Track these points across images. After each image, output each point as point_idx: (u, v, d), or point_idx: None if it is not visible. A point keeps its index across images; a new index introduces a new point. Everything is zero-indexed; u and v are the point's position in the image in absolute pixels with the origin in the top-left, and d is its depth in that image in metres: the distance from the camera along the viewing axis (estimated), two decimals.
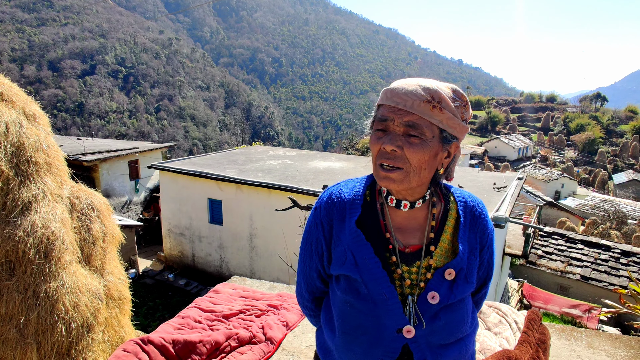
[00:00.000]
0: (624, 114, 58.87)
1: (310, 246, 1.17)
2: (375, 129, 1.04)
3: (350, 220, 1.08)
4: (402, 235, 1.08)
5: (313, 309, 1.29)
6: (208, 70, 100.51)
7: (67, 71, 73.09)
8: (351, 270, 1.05)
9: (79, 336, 3.03)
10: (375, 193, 1.13)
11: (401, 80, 1.05)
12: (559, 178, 30.38)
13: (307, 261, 1.20)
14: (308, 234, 1.18)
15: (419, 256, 1.06)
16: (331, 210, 1.11)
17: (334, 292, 1.13)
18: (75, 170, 4.12)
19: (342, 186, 1.16)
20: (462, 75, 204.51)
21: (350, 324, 1.07)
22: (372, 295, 1.03)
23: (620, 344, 2.62)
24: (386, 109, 1.01)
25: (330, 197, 1.13)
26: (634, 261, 11.02)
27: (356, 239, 1.06)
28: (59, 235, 2.98)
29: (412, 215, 1.09)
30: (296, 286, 1.31)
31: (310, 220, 1.18)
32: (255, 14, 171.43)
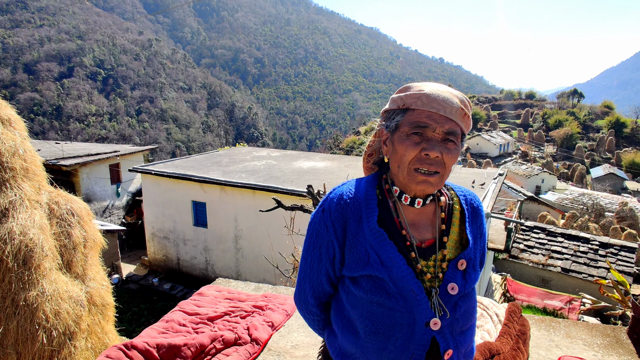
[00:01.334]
0: (600, 110, 60.49)
1: (318, 250, 1.14)
2: (410, 132, 1.04)
3: (370, 220, 1.08)
4: (416, 231, 1.12)
5: (318, 314, 1.27)
6: (190, 72, 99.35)
7: (44, 74, 71.31)
8: (377, 270, 1.05)
9: (61, 344, 2.97)
10: (385, 192, 1.15)
11: (428, 85, 1.07)
12: (539, 173, 31.03)
13: (314, 265, 1.16)
14: (315, 238, 1.14)
15: (434, 250, 1.11)
16: (344, 211, 1.10)
17: (352, 294, 1.11)
18: (54, 175, 4.03)
19: (350, 187, 1.15)
20: (444, 73, 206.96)
21: (383, 323, 1.06)
22: (401, 292, 1.04)
23: (597, 332, 2.70)
24: (424, 115, 1.03)
25: (342, 198, 1.12)
26: (612, 252, 11.34)
27: (379, 238, 1.07)
28: (37, 242, 2.92)
29: (423, 212, 1.14)
30: (297, 292, 1.27)
31: (317, 222, 1.14)
32: (236, 14, 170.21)
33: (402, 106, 1.07)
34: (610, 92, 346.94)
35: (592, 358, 2.39)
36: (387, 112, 1.14)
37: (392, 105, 1.11)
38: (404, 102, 1.07)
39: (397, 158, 1.08)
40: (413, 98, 1.05)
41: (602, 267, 10.88)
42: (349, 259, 1.09)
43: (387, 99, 1.16)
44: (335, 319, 1.19)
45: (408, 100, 1.06)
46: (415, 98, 1.05)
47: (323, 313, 1.27)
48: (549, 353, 2.46)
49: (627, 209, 20.25)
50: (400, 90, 1.12)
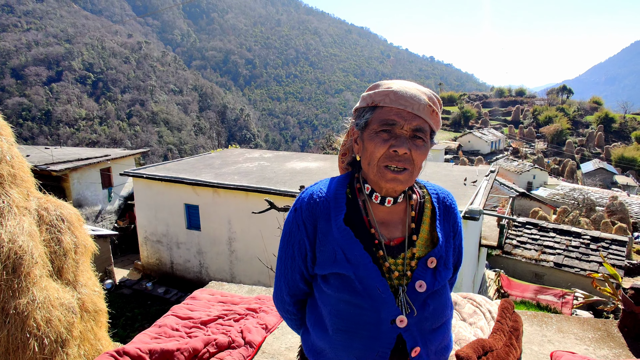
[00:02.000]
0: (588, 106, 61.21)
1: (291, 248, 1.16)
2: (379, 130, 1.05)
3: (337, 219, 1.09)
4: (385, 230, 1.12)
5: (295, 312, 1.27)
6: (180, 74, 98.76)
7: (32, 78, 70.46)
8: (344, 268, 1.06)
9: (53, 352, 2.94)
10: (355, 191, 1.16)
11: (396, 82, 1.08)
12: (531, 169, 31.30)
13: (288, 264, 1.18)
14: (289, 236, 1.16)
15: (403, 248, 1.12)
16: (314, 210, 1.11)
17: (322, 292, 1.13)
18: (44, 180, 4.00)
19: (321, 186, 1.16)
20: (434, 72, 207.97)
21: (350, 320, 1.07)
22: (367, 290, 1.05)
23: (588, 326, 2.73)
24: (392, 112, 1.04)
25: (312, 197, 1.13)
26: (603, 246, 11.47)
27: (346, 236, 1.08)
28: (27, 249, 2.89)
29: (394, 210, 1.15)
30: (275, 291, 1.28)
31: (290, 222, 1.16)
32: (226, 16, 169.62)
33: (371, 104, 1.08)
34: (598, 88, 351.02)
35: (583, 352, 2.42)
36: (358, 110, 1.14)
37: (362, 104, 1.12)
38: (373, 100, 1.08)
39: (367, 155, 1.09)
40: (381, 95, 1.06)
41: (593, 261, 11.00)
42: (320, 258, 1.11)
43: None
44: (309, 316, 1.21)
45: (376, 97, 1.07)
46: (383, 95, 1.06)
47: (300, 312, 1.28)
48: (541, 348, 2.48)
49: (617, 203, 20.49)
50: (370, 88, 1.12)
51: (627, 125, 54.55)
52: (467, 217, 6.65)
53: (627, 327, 2.60)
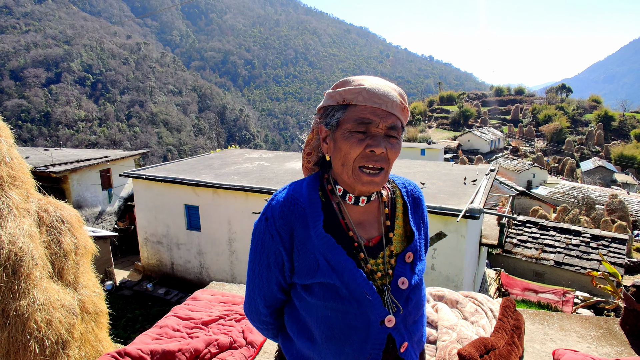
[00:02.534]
0: (588, 104, 61.23)
1: (266, 259, 1.10)
2: (354, 130, 1.01)
3: (316, 226, 1.05)
4: (362, 230, 1.10)
5: (272, 322, 1.23)
6: (179, 75, 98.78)
7: (31, 80, 70.46)
8: (329, 277, 1.03)
9: (53, 354, 2.94)
10: (328, 193, 1.12)
11: (366, 79, 1.05)
12: (530, 168, 31.31)
13: (264, 275, 1.13)
14: (261, 248, 1.10)
15: (381, 247, 1.10)
16: (289, 218, 1.06)
17: (305, 300, 1.09)
18: (44, 182, 3.99)
19: (291, 191, 1.11)
20: (434, 71, 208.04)
21: (339, 327, 1.05)
22: (354, 295, 1.03)
23: (590, 324, 2.73)
24: (367, 111, 1.00)
25: (285, 204, 1.08)
26: (603, 244, 11.47)
27: (327, 243, 1.04)
28: (27, 250, 2.88)
29: (368, 209, 1.12)
30: (247, 304, 1.22)
31: (262, 232, 1.10)
32: (225, 16, 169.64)
33: (341, 102, 1.03)
34: (597, 86, 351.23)
35: (585, 350, 2.41)
36: (325, 108, 1.09)
37: (329, 102, 1.07)
38: (344, 98, 1.03)
39: (340, 156, 1.04)
40: (353, 93, 1.01)
41: (594, 260, 10.99)
42: (299, 267, 1.07)
43: None
44: (290, 325, 1.16)
45: (348, 95, 1.02)
46: (355, 93, 1.01)
47: (276, 320, 1.23)
48: (543, 346, 2.48)
49: (616, 201, 20.50)
50: (337, 85, 1.07)
51: (627, 123, 54.58)
52: (467, 216, 6.64)
53: (629, 325, 2.59)
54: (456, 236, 7.04)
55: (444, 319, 2.51)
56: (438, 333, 2.43)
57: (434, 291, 2.92)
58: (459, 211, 6.69)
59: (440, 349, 2.26)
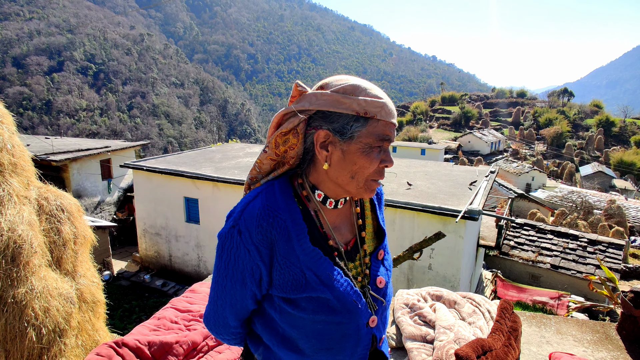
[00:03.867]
0: (589, 109, 61.19)
1: (240, 275, 1.01)
2: (375, 145, 0.97)
3: (301, 240, 1.00)
4: (338, 234, 1.09)
5: (240, 332, 1.16)
6: (182, 67, 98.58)
7: (33, 68, 70.30)
8: (320, 291, 0.99)
9: (50, 342, 2.94)
10: (303, 199, 1.06)
11: (377, 90, 0.98)
12: (530, 171, 31.34)
13: (236, 291, 1.04)
14: (234, 262, 1.00)
15: (357, 248, 1.11)
16: (268, 232, 0.98)
17: (286, 313, 1.03)
18: (44, 170, 3.98)
19: (264, 201, 1.01)
20: (436, 71, 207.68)
21: (332, 338, 1.03)
22: (345, 306, 1.01)
23: (587, 328, 2.74)
24: (388, 127, 0.98)
25: (263, 218, 0.98)
26: (600, 249, 11.50)
27: (315, 258, 1.00)
28: (26, 238, 2.88)
29: (341, 211, 1.11)
30: (212, 318, 1.13)
31: (234, 247, 0.99)
32: (229, 10, 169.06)
33: (362, 113, 0.95)
34: (599, 92, 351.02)
35: (582, 354, 2.42)
36: (332, 114, 0.98)
37: (340, 108, 0.96)
38: (366, 110, 0.95)
39: (352, 169, 0.99)
40: (376, 107, 0.95)
41: (590, 264, 11.02)
42: (280, 280, 1.00)
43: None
44: (268, 336, 1.08)
45: (370, 108, 0.95)
46: (378, 107, 0.95)
47: (245, 329, 1.17)
48: (540, 349, 2.49)
49: (615, 207, 20.53)
50: (350, 92, 0.96)
51: (627, 129, 54.57)
52: (466, 217, 6.65)
53: (626, 330, 2.60)
54: (454, 237, 7.05)
55: (442, 319, 2.52)
56: (435, 333, 2.43)
57: (432, 291, 2.92)
58: (458, 212, 6.70)
59: (437, 349, 2.27)
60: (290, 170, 1.09)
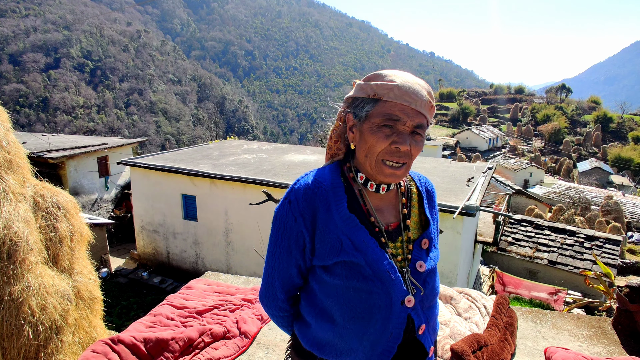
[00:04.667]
0: (587, 105, 61.25)
1: (287, 242, 1.13)
2: (381, 124, 1.05)
3: (339, 208, 1.09)
4: (381, 216, 1.15)
5: (287, 309, 1.25)
6: (179, 64, 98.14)
7: (30, 65, 69.84)
8: (352, 256, 1.06)
9: (47, 339, 2.94)
10: (349, 180, 1.16)
11: (398, 75, 1.07)
12: (528, 167, 31.38)
13: (284, 259, 1.15)
14: (283, 230, 1.13)
15: (399, 232, 1.16)
16: (313, 201, 1.09)
17: (325, 283, 1.12)
18: (40, 168, 3.97)
19: (315, 176, 1.14)
20: (434, 67, 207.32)
21: (362, 307, 1.08)
22: (377, 274, 1.06)
23: (582, 323, 2.75)
24: (397, 108, 1.04)
25: (309, 188, 1.11)
26: (597, 245, 11.54)
27: (351, 224, 1.08)
28: (22, 235, 2.87)
29: (386, 197, 1.18)
30: (263, 291, 1.24)
31: (284, 215, 1.12)
32: (226, 6, 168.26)
33: (372, 95, 1.07)
34: (597, 88, 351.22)
35: (577, 348, 2.43)
36: (355, 99, 1.13)
37: (360, 93, 1.10)
38: (375, 92, 1.06)
39: (365, 148, 1.09)
40: (385, 89, 1.04)
41: (587, 260, 11.06)
42: (320, 248, 1.10)
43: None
44: (308, 309, 1.19)
45: (379, 90, 1.05)
46: (387, 89, 1.04)
47: (292, 308, 1.26)
48: (535, 344, 2.50)
49: (612, 203, 20.59)
50: (369, 78, 1.10)
51: (625, 125, 54.68)
52: (463, 213, 6.66)
53: (621, 325, 2.61)
54: (452, 233, 7.06)
55: (438, 314, 2.52)
56: None
57: None
58: (455, 208, 6.71)
59: None
60: (346, 154, 1.22)
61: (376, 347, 1.10)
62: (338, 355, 1.13)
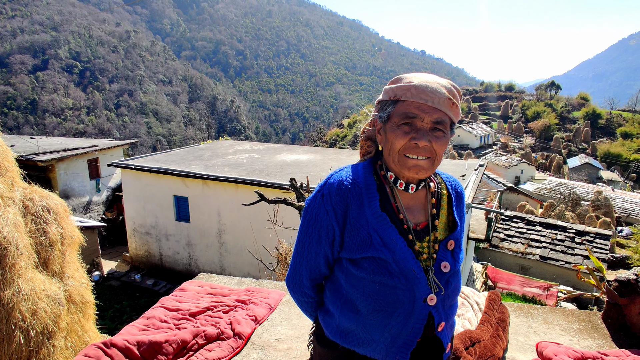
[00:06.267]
0: (576, 101, 61.87)
1: (317, 233, 1.19)
2: (400, 123, 1.11)
3: (372, 205, 1.14)
4: (410, 215, 1.20)
5: (312, 295, 1.32)
6: (170, 64, 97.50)
7: (17, 66, 68.93)
8: (380, 252, 1.11)
9: (39, 344, 2.91)
10: (381, 178, 1.21)
11: (417, 76, 1.13)
12: (519, 164, 31.63)
13: (313, 248, 1.22)
14: (314, 221, 1.19)
15: (427, 232, 1.20)
16: (345, 196, 1.15)
17: (352, 274, 1.17)
18: (29, 171, 3.92)
19: (349, 172, 1.20)
20: (425, 65, 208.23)
21: (386, 300, 1.13)
22: (403, 271, 1.12)
23: (573, 318, 2.78)
24: (413, 106, 1.10)
25: (342, 184, 1.16)
26: (587, 240, 11.69)
27: (382, 222, 1.13)
28: (11, 240, 2.84)
29: (416, 196, 1.22)
30: (291, 276, 1.31)
31: (316, 207, 1.18)
32: (216, 6, 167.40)
33: (393, 97, 1.14)
34: (586, 84, 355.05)
35: (568, 343, 2.46)
36: (380, 102, 1.20)
37: (384, 97, 1.18)
38: (395, 94, 1.13)
39: (388, 146, 1.15)
40: (403, 90, 1.11)
41: (578, 255, 11.20)
42: (349, 242, 1.15)
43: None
44: (333, 299, 1.25)
45: (398, 92, 1.12)
46: (405, 90, 1.10)
47: (317, 295, 1.33)
48: (527, 339, 2.52)
49: (602, 198, 20.85)
50: (392, 82, 1.17)
51: (613, 121, 55.35)
52: None
53: (611, 319, 2.65)
54: None
55: None
56: None
57: None
58: None
59: None
60: (377, 154, 1.28)
61: (397, 340, 1.16)
62: (360, 345, 1.19)
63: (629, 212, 22.81)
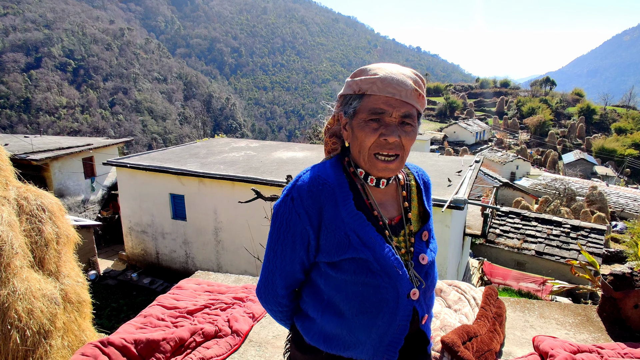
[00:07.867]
0: (571, 97, 62.21)
1: (291, 239, 1.12)
2: (368, 119, 1.06)
3: (347, 204, 1.09)
4: (384, 210, 1.17)
5: (287, 304, 1.25)
6: (164, 62, 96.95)
7: (10, 65, 68.28)
8: (361, 252, 1.07)
9: (35, 344, 2.89)
10: (351, 175, 1.16)
11: (381, 68, 1.07)
12: (514, 160, 31.77)
13: (286, 256, 1.14)
14: (286, 227, 1.11)
15: (402, 225, 1.18)
16: (318, 197, 1.08)
17: (332, 278, 1.12)
18: (24, 170, 3.90)
19: (317, 172, 1.13)
20: (421, 62, 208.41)
21: (371, 301, 1.10)
22: (385, 269, 1.08)
23: (569, 312, 2.80)
24: (381, 101, 1.04)
25: (313, 184, 1.09)
26: (582, 235, 11.77)
27: (359, 220, 1.09)
28: (6, 239, 2.82)
29: (387, 191, 1.19)
30: (262, 287, 1.23)
31: (287, 212, 1.10)
32: (211, 3, 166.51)
33: (358, 91, 1.08)
34: (580, 80, 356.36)
35: (564, 336, 2.48)
36: (344, 96, 1.14)
37: (347, 90, 1.11)
38: (360, 88, 1.07)
39: (357, 144, 1.10)
40: (368, 83, 1.05)
41: (573, 250, 11.28)
42: (326, 245, 1.10)
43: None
44: (313, 304, 1.18)
45: (363, 85, 1.06)
46: (370, 83, 1.05)
47: (292, 303, 1.26)
48: (524, 333, 2.54)
49: (596, 193, 20.99)
50: (355, 74, 1.11)
51: (608, 117, 55.70)
52: (452, 206, 6.73)
53: (606, 312, 2.67)
54: (441, 226, 7.13)
55: None
56: None
57: None
58: (444, 201, 6.77)
59: None
60: (344, 150, 1.22)
61: (384, 339, 1.13)
62: (346, 349, 1.14)
63: (623, 207, 22.99)
